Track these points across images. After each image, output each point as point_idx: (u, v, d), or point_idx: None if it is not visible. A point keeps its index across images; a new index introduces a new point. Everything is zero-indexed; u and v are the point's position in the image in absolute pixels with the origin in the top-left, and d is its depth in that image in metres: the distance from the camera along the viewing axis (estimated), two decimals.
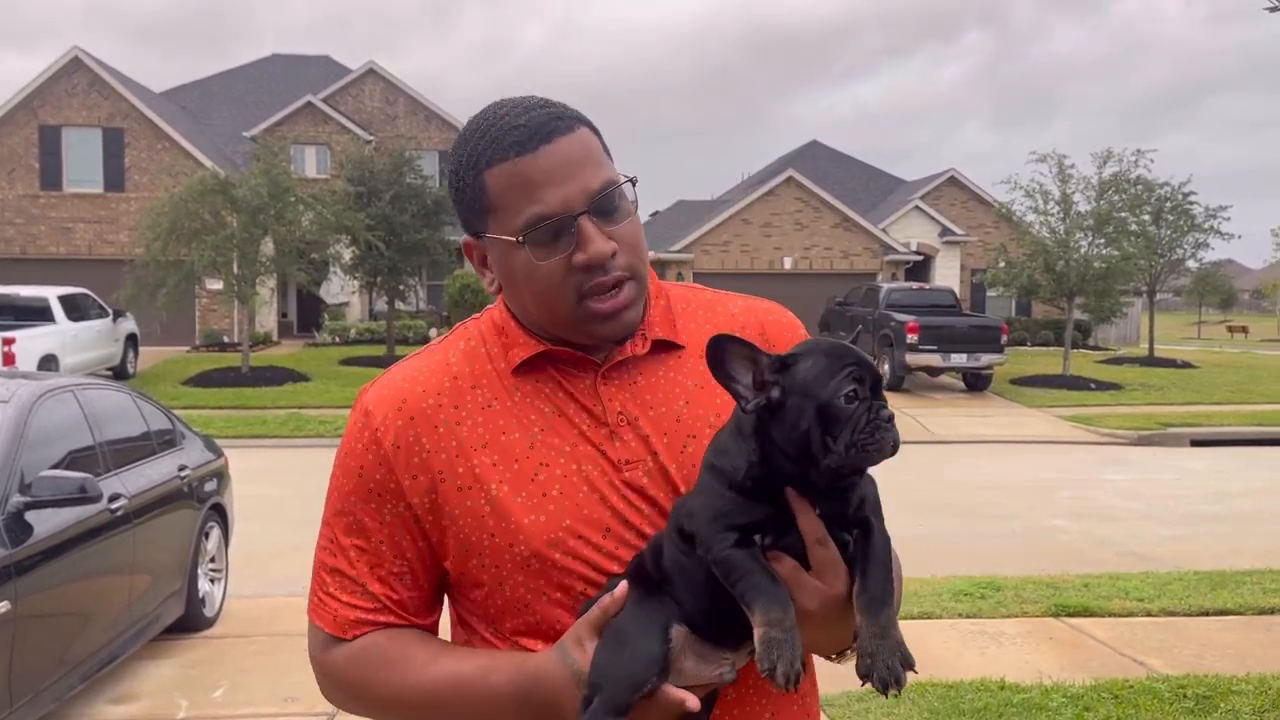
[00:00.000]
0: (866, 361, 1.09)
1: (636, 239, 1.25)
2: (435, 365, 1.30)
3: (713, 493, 1.12)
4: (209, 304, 26.48)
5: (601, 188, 1.20)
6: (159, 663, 5.38)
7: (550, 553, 1.21)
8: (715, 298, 1.40)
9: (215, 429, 13.91)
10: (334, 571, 1.29)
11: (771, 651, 1.04)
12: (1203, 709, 4.49)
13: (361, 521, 1.28)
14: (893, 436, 1.08)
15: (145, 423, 5.81)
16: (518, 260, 1.22)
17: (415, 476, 1.24)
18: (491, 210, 1.22)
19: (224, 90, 35.37)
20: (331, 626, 1.29)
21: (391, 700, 1.26)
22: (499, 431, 1.24)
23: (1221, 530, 9.09)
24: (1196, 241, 23.75)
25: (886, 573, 1.10)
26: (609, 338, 1.25)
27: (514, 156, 1.19)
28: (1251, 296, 79.89)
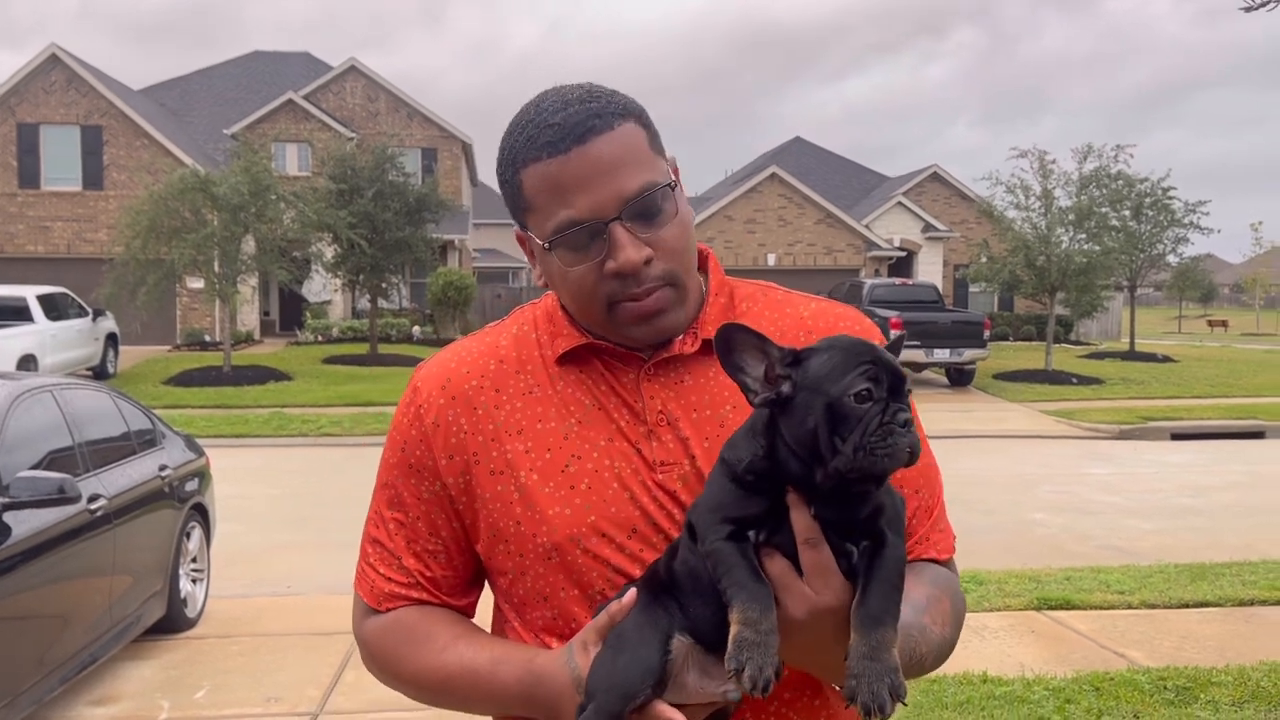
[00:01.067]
0: (887, 360, 1.03)
1: (679, 242, 1.19)
2: (484, 347, 1.30)
3: (716, 485, 1.09)
4: (190, 303, 26.34)
5: (637, 192, 1.15)
6: (140, 664, 5.35)
7: (571, 547, 1.18)
8: (786, 299, 1.34)
9: (197, 428, 13.83)
10: (375, 543, 1.31)
11: (741, 652, 0.98)
12: (1183, 700, 4.52)
13: (401, 496, 1.29)
14: (908, 442, 1.00)
15: (125, 423, 5.77)
16: (553, 264, 1.20)
17: (451, 457, 1.24)
18: (528, 210, 1.20)
19: (204, 87, 35.14)
20: (369, 597, 1.31)
21: (411, 678, 1.27)
22: (536, 419, 1.23)
23: (1201, 523, 9.16)
24: (1176, 236, 23.91)
25: (893, 591, 1.02)
26: (643, 341, 1.22)
27: (546, 157, 1.15)
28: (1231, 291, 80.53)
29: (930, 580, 1.23)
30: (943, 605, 1.21)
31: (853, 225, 31.24)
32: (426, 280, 28.67)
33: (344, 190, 22.18)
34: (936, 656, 1.19)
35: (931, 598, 1.20)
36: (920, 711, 4.40)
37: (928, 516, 1.28)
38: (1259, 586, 6.45)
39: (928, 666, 1.19)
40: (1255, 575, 6.76)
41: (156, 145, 26.83)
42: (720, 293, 1.30)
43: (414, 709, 4.69)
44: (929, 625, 1.17)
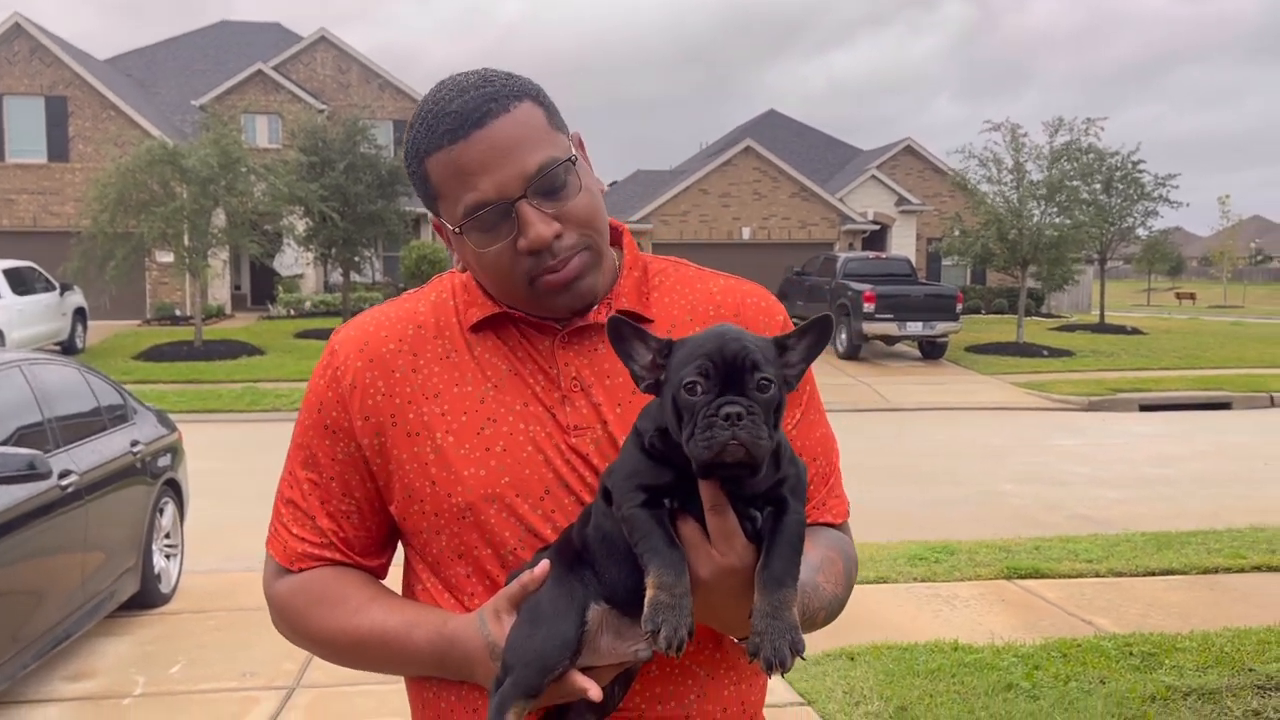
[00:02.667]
0: (724, 351, 1.04)
1: (588, 211, 1.23)
2: (403, 312, 1.32)
3: (629, 453, 1.13)
4: (160, 277, 26.04)
5: (538, 169, 1.18)
6: (115, 640, 5.33)
7: (486, 507, 1.22)
8: (697, 275, 1.38)
9: (168, 404, 13.71)
10: (289, 503, 1.33)
11: (657, 615, 1.02)
12: (1148, 665, 4.62)
13: (316, 456, 1.30)
14: (729, 436, 1.01)
15: (95, 398, 5.72)
16: (467, 249, 1.24)
17: (367, 418, 1.27)
18: (438, 197, 1.23)
19: (171, 58, 34.56)
20: (282, 557, 1.32)
21: (323, 638, 1.30)
22: (453, 383, 1.26)
23: (1168, 493, 9.31)
24: (1146, 210, 24.12)
25: (793, 554, 1.07)
26: (568, 308, 1.26)
27: (448, 145, 1.18)
28: (1199, 264, 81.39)
29: (825, 543, 1.29)
30: (836, 566, 1.27)
31: (827, 199, 31.27)
32: (399, 254, 28.45)
33: (315, 163, 21.95)
34: (829, 613, 1.25)
35: (826, 559, 1.26)
36: (892, 679, 4.47)
37: (824, 483, 1.34)
38: (1223, 555, 6.58)
39: (819, 622, 1.24)
40: (1220, 544, 6.89)
41: (123, 117, 26.39)
42: (634, 267, 1.34)
43: (389, 682, 4.72)
44: (822, 584, 1.22)
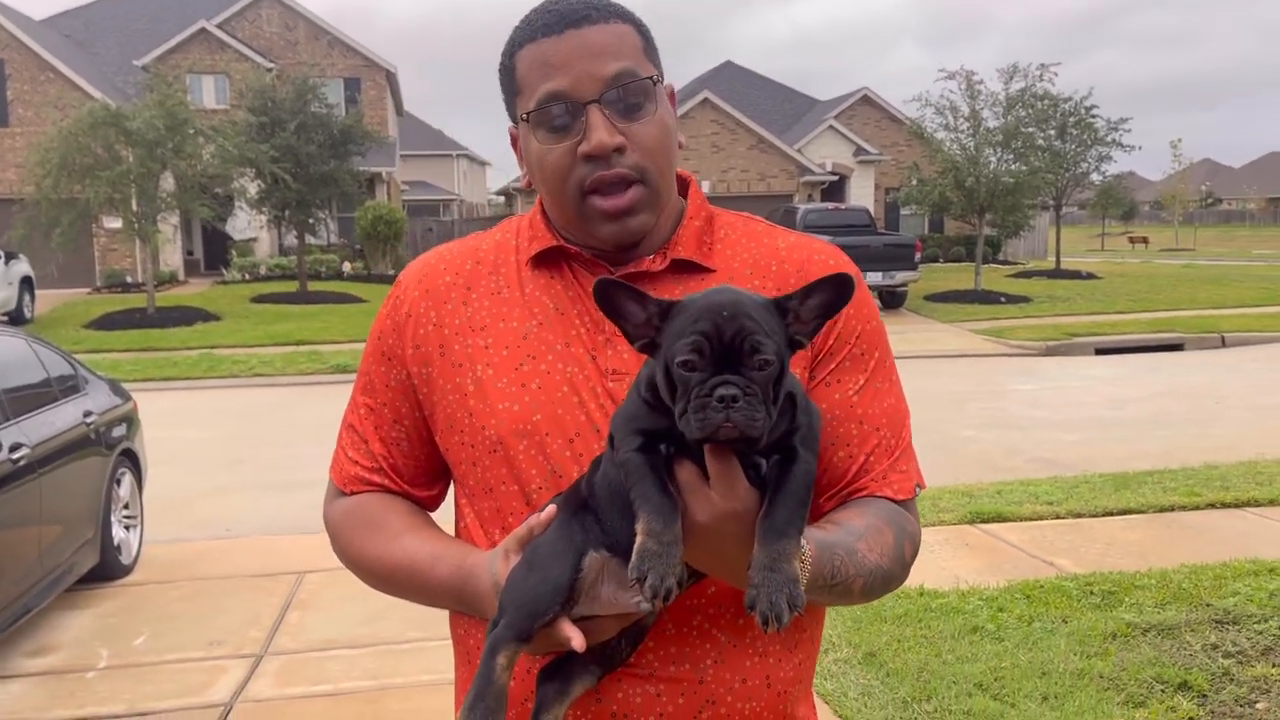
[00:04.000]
0: (722, 329, 0.99)
1: (656, 142, 1.22)
2: (466, 248, 1.36)
3: (631, 399, 1.10)
4: (108, 243, 25.48)
5: (617, 76, 1.19)
6: (77, 613, 5.26)
7: (515, 442, 1.22)
8: (767, 230, 1.35)
9: (123, 373, 13.48)
10: (350, 427, 1.37)
11: (644, 562, 0.99)
12: (1108, 604, 4.71)
13: (373, 381, 1.35)
14: (725, 417, 0.97)
15: (45, 369, 5.58)
16: (533, 146, 1.23)
17: (417, 347, 1.30)
18: (518, 92, 1.23)
19: (110, 17, 33.53)
20: (338, 479, 1.37)
21: (360, 562, 1.33)
22: (499, 318, 1.27)
23: (1124, 434, 9.47)
24: (1100, 155, 24.32)
25: (798, 504, 1.03)
26: (611, 240, 1.24)
27: (541, 37, 1.20)
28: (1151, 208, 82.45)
29: (876, 513, 1.23)
30: (884, 537, 1.20)
31: (785, 150, 31.20)
32: (355, 215, 28.05)
33: (265, 123, 21.47)
34: (868, 584, 1.17)
35: (872, 528, 1.20)
36: (860, 626, 4.52)
37: (887, 455, 1.27)
38: (1178, 493, 6.71)
39: (856, 592, 1.16)
40: (1175, 482, 7.03)
41: (63, 79, 25.64)
42: (697, 216, 1.32)
43: (358, 646, 4.71)
44: (862, 551, 1.16)
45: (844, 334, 1.28)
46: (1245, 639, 4.20)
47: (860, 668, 4.11)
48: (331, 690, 4.30)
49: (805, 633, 1.29)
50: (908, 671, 4.01)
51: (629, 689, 1.19)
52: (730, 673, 1.21)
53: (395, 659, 4.56)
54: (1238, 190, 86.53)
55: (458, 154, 53.43)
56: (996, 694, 3.79)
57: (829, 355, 1.27)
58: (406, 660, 4.54)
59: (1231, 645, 4.14)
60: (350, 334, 17.44)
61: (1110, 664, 4.01)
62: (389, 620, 4.95)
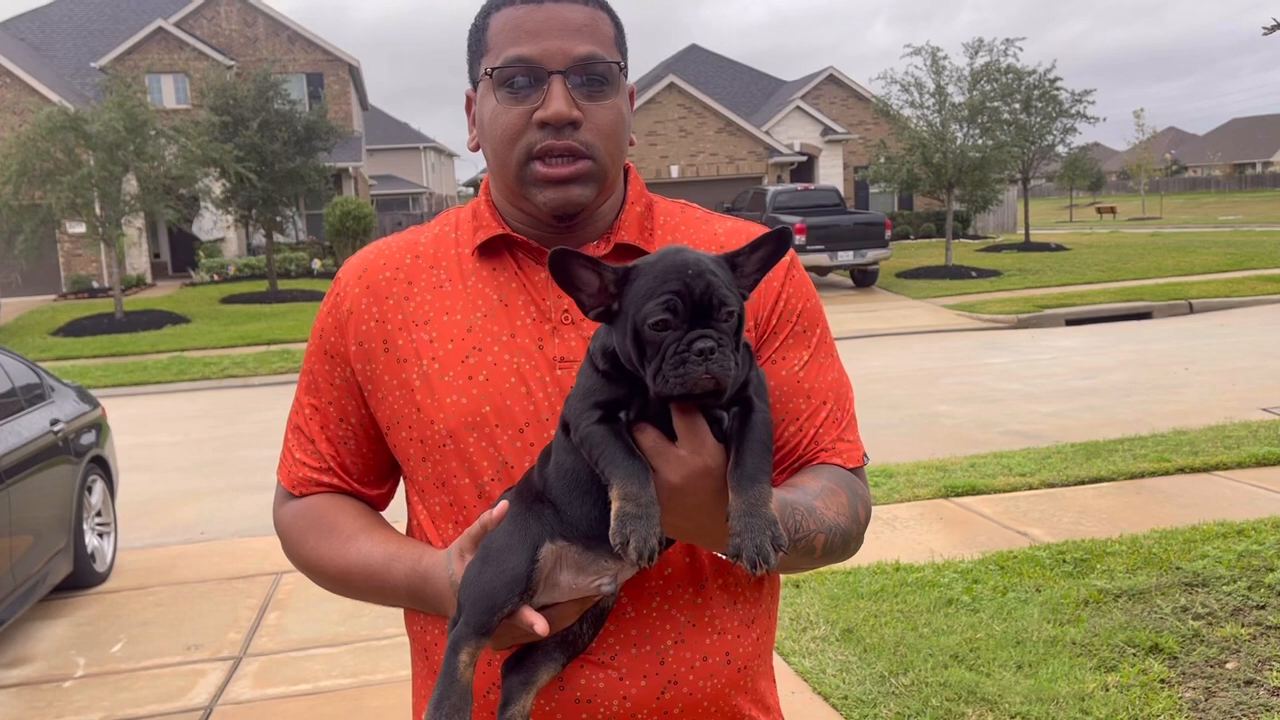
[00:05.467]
0: (691, 286, 1.01)
1: (610, 126, 1.23)
2: (404, 242, 1.35)
3: (584, 374, 1.11)
4: (73, 249, 25.17)
5: (587, 57, 1.21)
6: (52, 623, 5.21)
7: (465, 435, 1.22)
8: (704, 216, 1.37)
9: (92, 379, 13.35)
10: (295, 429, 1.37)
11: (625, 526, 1.00)
12: (1080, 571, 4.76)
13: (318, 381, 1.34)
14: (702, 370, 0.99)
15: (9, 379, 5.51)
16: (489, 105, 1.24)
17: (360, 344, 1.29)
18: (485, 52, 1.25)
19: (65, 19, 33.04)
20: (287, 481, 1.37)
21: (315, 566, 1.33)
22: (443, 312, 1.27)
23: (1095, 403, 9.57)
24: (1065, 127, 24.48)
25: (764, 451, 1.05)
26: (549, 207, 1.23)
27: (520, 3, 1.22)
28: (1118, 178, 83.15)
29: (829, 476, 1.26)
30: (839, 497, 1.23)
31: (753, 132, 31.19)
32: (323, 211, 27.83)
33: (227, 122, 21.24)
34: (829, 541, 1.20)
35: (827, 489, 1.23)
36: (837, 602, 4.55)
37: (835, 426, 1.30)
38: (1148, 459, 6.79)
39: (819, 549, 1.19)
40: (1145, 449, 7.11)
41: (19, 83, 25.25)
42: (637, 202, 1.33)
43: (337, 645, 4.69)
44: (821, 509, 1.19)
45: (785, 312, 1.30)
46: (1215, 600, 4.26)
47: (838, 644, 4.14)
48: (311, 689, 4.28)
49: (761, 607, 1.30)
50: (884, 646, 4.05)
51: (591, 674, 1.20)
52: (690, 652, 1.22)
53: (374, 655, 4.55)
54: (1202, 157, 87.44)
55: (425, 146, 53.08)
56: (972, 665, 3.83)
57: (773, 334, 1.30)
58: (386, 656, 4.53)
59: (1201, 607, 4.20)
60: None
61: (1083, 630, 4.07)
62: (367, 617, 4.94)
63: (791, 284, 1.32)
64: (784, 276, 1.31)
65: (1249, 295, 16.95)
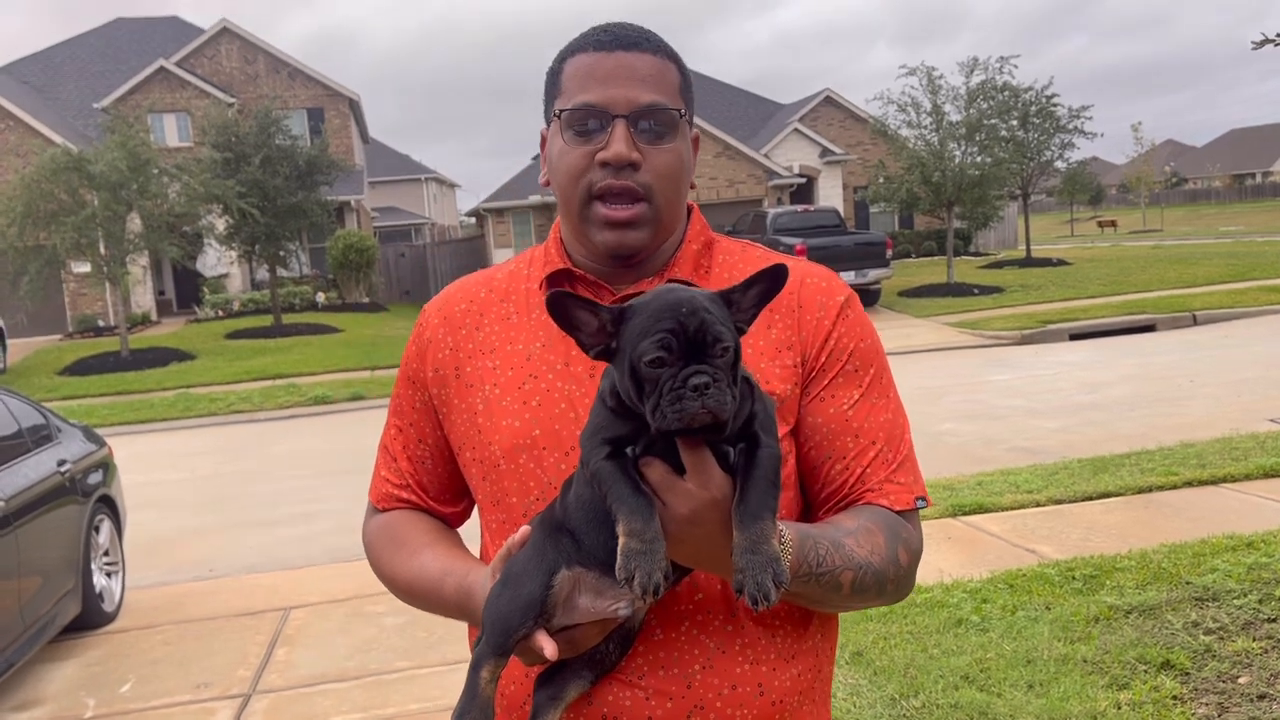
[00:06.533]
0: (685, 324, 1.03)
1: (669, 170, 1.29)
2: (482, 278, 1.46)
3: (595, 411, 1.14)
4: (78, 288, 25.29)
5: (650, 105, 1.27)
6: (61, 664, 5.21)
7: (515, 457, 1.29)
8: (764, 256, 1.40)
9: (98, 418, 13.39)
10: (383, 447, 1.49)
11: (630, 562, 1.03)
12: (1090, 588, 4.74)
13: (401, 404, 1.46)
14: (698, 406, 1.01)
15: (15, 421, 5.54)
16: (557, 144, 1.31)
17: (437, 370, 1.40)
18: (558, 94, 1.32)
19: (68, 61, 33.38)
20: (373, 496, 1.49)
21: (389, 577, 1.43)
22: (507, 341, 1.36)
23: (1100, 417, 9.55)
24: (1063, 142, 24.54)
25: (768, 486, 1.07)
26: (606, 248, 1.30)
27: (593, 50, 1.29)
28: (1118, 191, 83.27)
29: (868, 516, 1.26)
30: (875, 537, 1.23)
31: (752, 156, 31.32)
32: (326, 245, 27.98)
33: (229, 158, 21.40)
34: (858, 579, 1.20)
35: (863, 528, 1.23)
36: (845, 626, 4.53)
37: (884, 467, 1.30)
38: (1156, 473, 6.77)
39: (846, 586, 1.19)
40: (1152, 463, 7.09)
41: (23, 126, 25.47)
42: (695, 240, 1.38)
43: (346, 679, 4.68)
44: (850, 545, 1.19)
45: (836, 351, 1.32)
46: (1225, 615, 4.24)
47: (847, 667, 4.12)
48: None
49: (806, 643, 1.29)
50: (894, 668, 4.03)
51: (618, 693, 1.23)
52: (719, 679, 1.23)
53: (384, 690, 4.54)
54: (1202, 169, 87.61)
55: (426, 177, 53.36)
56: (983, 685, 3.81)
57: (821, 372, 1.31)
58: (396, 691, 4.52)
59: (1212, 622, 4.18)
60: (328, 365, 17.38)
61: (1093, 648, 4.05)
62: (376, 651, 4.93)
63: (844, 324, 1.33)
64: (836, 316, 1.33)
65: (1252, 306, 16.93)
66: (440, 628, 5.14)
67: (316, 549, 6.99)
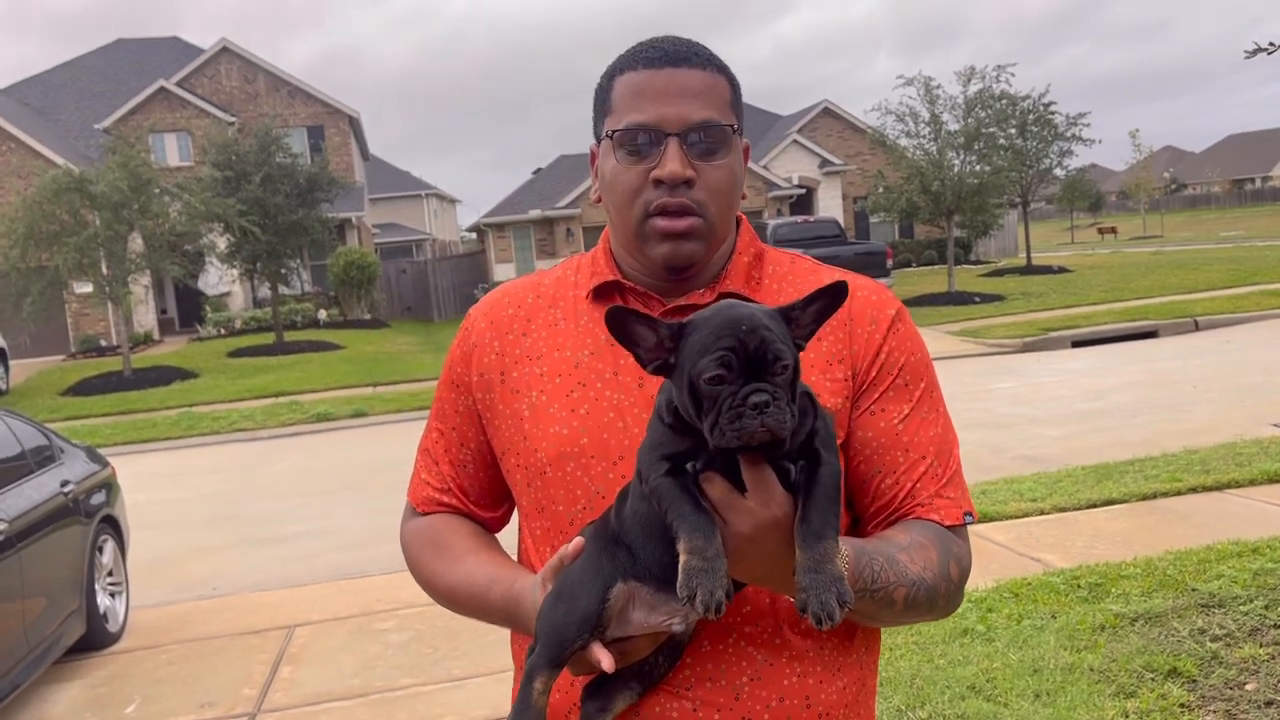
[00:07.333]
0: (745, 342, 1.03)
1: (722, 184, 1.29)
2: (529, 283, 1.45)
3: (653, 427, 1.14)
4: (80, 308, 25.33)
5: (703, 122, 1.27)
6: (66, 685, 5.20)
7: (562, 464, 1.29)
8: (812, 268, 1.41)
9: (101, 438, 13.40)
10: (424, 451, 1.48)
11: (691, 580, 1.02)
12: (1095, 596, 4.73)
13: (444, 408, 1.45)
14: (758, 424, 1.01)
15: (18, 442, 5.55)
16: (610, 163, 1.31)
17: (482, 375, 1.39)
18: (609, 112, 1.32)
19: (69, 82, 33.52)
20: (413, 498, 1.48)
21: (428, 581, 1.43)
22: (554, 347, 1.35)
23: (1104, 424, 9.54)
24: (1061, 150, 24.60)
25: (830, 505, 1.06)
26: (662, 260, 1.30)
27: (642, 68, 1.29)
28: (1118, 198, 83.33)
29: (920, 531, 1.26)
30: (928, 553, 1.23)
31: (752, 167, 31.28)
32: (327, 262, 28.04)
33: (230, 177, 21.46)
34: (910, 595, 1.19)
35: (915, 543, 1.23)
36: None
37: (934, 481, 1.30)
38: (1160, 479, 6.76)
39: (899, 602, 1.18)
40: (1156, 469, 7.08)
41: (24, 147, 25.57)
42: (745, 252, 1.38)
43: (351, 697, 4.67)
44: (904, 561, 1.19)
45: (887, 365, 1.32)
46: (1232, 621, 4.22)
47: None
48: None
49: (851, 656, 1.29)
50: (901, 679, 4.02)
51: (666, 705, 1.23)
52: (766, 691, 1.23)
53: (389, 707, 4.53)
54: (1201, 174, 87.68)
55: (427, 193, 53.50)
56: (989, 695, 3.80)
57: (872, 386, 1.31)
58: (400, 708, 4.51)
59: (1219, 628, 4.17)
60: (330, 381, 17.39)
61: (1100, 656, 4.03)
62: (381, 668, 4.92)
63: (895, 338, 1.34)
64: (887, 330, 1.33)
65: (1254, 310, 16.93)
66: (444, 644, 5.13)
67: (320, 566, 6.98)
